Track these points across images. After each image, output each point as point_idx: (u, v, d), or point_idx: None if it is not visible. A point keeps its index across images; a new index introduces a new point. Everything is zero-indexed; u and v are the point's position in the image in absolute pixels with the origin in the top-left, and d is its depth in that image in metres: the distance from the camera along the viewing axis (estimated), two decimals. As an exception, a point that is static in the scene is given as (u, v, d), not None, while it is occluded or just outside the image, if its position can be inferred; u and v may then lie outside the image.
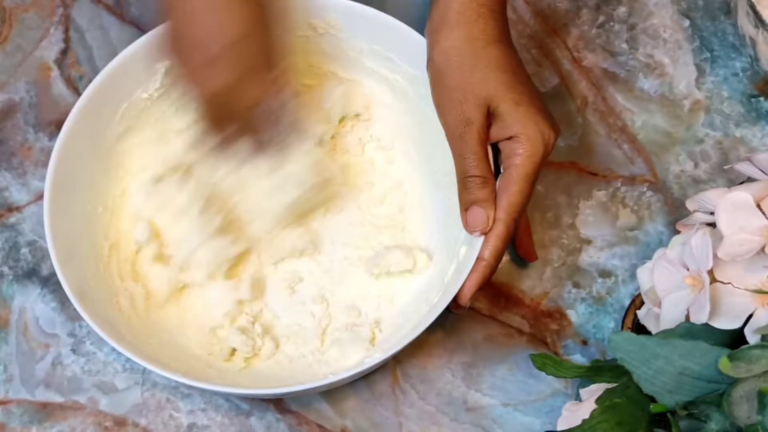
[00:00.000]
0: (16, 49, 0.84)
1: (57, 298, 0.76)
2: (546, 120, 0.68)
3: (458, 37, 0.69)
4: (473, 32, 0.69)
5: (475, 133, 0.68)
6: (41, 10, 0.85)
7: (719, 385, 0.55)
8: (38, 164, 0.80)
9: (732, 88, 0.82)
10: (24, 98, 0.82)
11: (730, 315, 0.56)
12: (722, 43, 0.84)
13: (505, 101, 0.68)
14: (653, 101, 0.82)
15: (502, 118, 0.68)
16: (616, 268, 0.77)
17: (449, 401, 0.73)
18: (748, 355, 0.53)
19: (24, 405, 0.73)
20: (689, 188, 0.79)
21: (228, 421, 0.72)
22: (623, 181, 0.79)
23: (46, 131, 0.81)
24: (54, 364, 0.74)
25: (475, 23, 0.69)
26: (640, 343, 0.56)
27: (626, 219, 0.78)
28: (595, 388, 0.63)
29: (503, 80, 0.68)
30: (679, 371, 0.55)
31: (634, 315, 0.70)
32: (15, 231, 0.78)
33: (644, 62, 0.83)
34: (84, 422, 0.72)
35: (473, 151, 0.68)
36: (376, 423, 0.72)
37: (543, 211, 0.78)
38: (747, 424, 0.54)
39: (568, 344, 0.75)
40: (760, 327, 0.55)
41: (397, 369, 0.74)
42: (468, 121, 0.68)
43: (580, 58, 0.83)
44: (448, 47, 0.70)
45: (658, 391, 0.57)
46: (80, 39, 0.84)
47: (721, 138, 0.81)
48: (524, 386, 0.73)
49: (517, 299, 0.76)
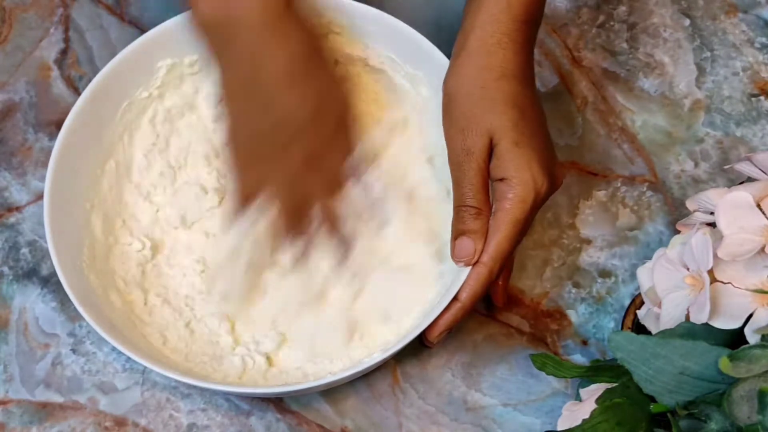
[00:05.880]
0: (16, 49, 0.84)
1: (57, 298, 0.76)
2: (543, 166, 0.66)
3: (474, 66, 0.68)
4: (490, 63, 0.68)
5: (474, 163, 0.67)
6: (41, 10, 0.85)
7: (719, 385, 0.55)
8: (38, 164, 0.80)
9: (732, 88, 0.82)
10: (24, 98, 0.82)
11: (730, 315, 0.56)
12: (722, 42, 0.84)
13: (505, 139, 0.66)
14: (653, 101, 0.82)
15: (498, 156, 0.67)
16: (616, 268, 0.77)
17: (449, 401, 0.73)
18: (748, 355, 0.53)
19: (24, 405, 0.73)
20: (689, 188, 0.79)
21: (228, 421, 0.72)
22: (623, 181, 0.79)
23: (46, 131, 0.81)
24: (54, 364, 0.74)
25: (494, 54, 0.68)
26: (640, 343, 0.56)
27: (626, 219, 0.78)
28: (595, 388, 0.63)
29: (509, 116, 0.67)
30: (679, 371, 0.55)
31: (634, 315, 0.70)
32: (15, 231, 0.78)
33: (644, 62, 0.83)
34: (84, 422, 0.72)
35: (470, 182, 0.67)
36: (376, 423, 0.72)
37: (543, 211, 0.78)
38: (747, 424, 0.54)
39: (568, 344, 0.75)
40: (760, 327, 0.55)
41: (397, 369, 0.74)
42: (468, 151, 0.67)
43: (580, 58, 0.83)
44: (462, 74, 0.69)
45: (658, 391, 0.57)
46: (80, 39, 0.84)
47: (721, 137, 0.81)
48: (524, 386, 0.73)
49: (517, 299, 0.76)
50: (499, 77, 0.68)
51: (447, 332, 0.68)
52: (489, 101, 0.67)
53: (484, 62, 0.68)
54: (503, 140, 0.66)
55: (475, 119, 0.67)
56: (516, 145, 0.66)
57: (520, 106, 0.67)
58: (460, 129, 0.68)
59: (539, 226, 0.78)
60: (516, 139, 0.66)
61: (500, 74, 0.68)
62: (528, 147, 0.66)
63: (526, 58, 0.69)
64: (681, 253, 0.60)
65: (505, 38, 0.68)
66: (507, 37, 0.68)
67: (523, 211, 0.66)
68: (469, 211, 0.67)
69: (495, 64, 0.68)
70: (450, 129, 0.69)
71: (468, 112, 0.68)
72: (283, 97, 0.63)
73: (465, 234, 0.67)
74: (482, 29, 0.68)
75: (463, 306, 0.67)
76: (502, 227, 0.67)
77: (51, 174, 0.70)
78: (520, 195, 0.66)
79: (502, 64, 0.68)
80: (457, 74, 0.69)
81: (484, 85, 0.67)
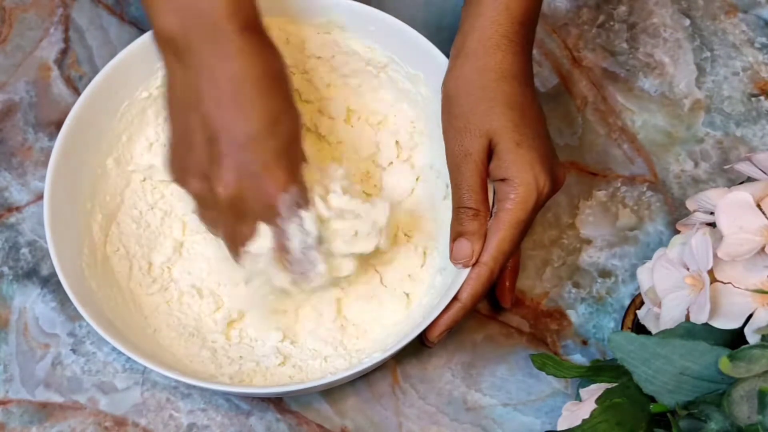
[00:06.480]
0: (16, 49, 0.84)
1: (57, 298, 0.76)
2: (545, 167, 0.66)
3: (473, 67, 0.68)
4: (489, 64, 0.68)
5: (472, 164, 0.67)
6: (41, 10, 0.85)
7: (719, 385, 0.55)
8: (38, 164, 0.80)
9: (732, 88, 0.82)
10: (24, 98, 0.82)
11: (730, 315, 0.56)
12: (722, 42, 0.84)
13: (506, 140, 0.66)
14: (653, 101, 0.82)
15: (499, 157, 0.67)
16: (616, 268, 0.77)
17: (449, 401, 0.73)
18: (748, 355, 0.53)
19: (24, 405, 0.73)
20: (689, 188, 0.79)
21: (228, 421, 0.72)
22: (623, 181, 0.79)
23: (46, 131, 0.81)
24: (54, 364, 0.74)
25: (493, 55, 0.68)
26: (640, 343, 0.56)
27: (626, 219, 0.78)
28: (595, 388, 0.63)
29: (509, 117, 0.67)
30: (679, 371, 0.55)
31: (634, 315, 0.70)
32: (15, 231, 0.78)
33: (644, 62, 0.83)
34: (84, 422, 0.72)
35: (468, 183, 0.67)
36: (376, 423, 0.72)
37: (543, 211, 0.77)
38: (747, 424, 0.54)
39: (568, 344, 0.75)
40: (760, 327, 0.55)
41: (397, 369, 0.74)
42: (467, 152, 0.67)
43: (580, 58, 0.83)
44: (461, 75, 0.68)
45: (658, 391, 0.57)
46: (80, 39, 0.84)
47: (721, 137, 0.81)
48: (524, 386, 0.73)
49: (517, 299, 0.76)
50: (499, 78, 0.67)
51: (447, 332, 0.68)
52: (489, 102, 0.67)
53: (483, 63, 0.68)
54: (504, 141, 0.66)
55: (474, 120, 0.67)
56: (517, 146, 0.66)
57: (520, 107, 0.67)
58: (459, 130, 0.68)
59: (539, 226, 0.78)
60: (517, 140, 0.66)
61: (500, 75, 0.67)
62: (529, 147, 0.66)
63: (525, 58, 0.69)
64: (681, 253, 0.60)
65: (504, 40, 0.68)
66: (506, 38, 0.68)
67: (525, 212, 0.66)
68: (467, 213, 0.67)
69: (494, 65, 0.68)
70: (449, 129, 0.69)
71: (467, 112, 0.67)
72: (224, 114, 0.61)
73: (463, 235, 0.67)
74: (481, 31, 0.68)
75: (464, 306, 0.67)
76: (504, 227, 0.66)
77: (51, 174, 0.70)
78: (522, 195, 0.66)
79: (501, 65, 0.68)
80: (456, 75, 0.69)
81: (483, 86, 0.67)
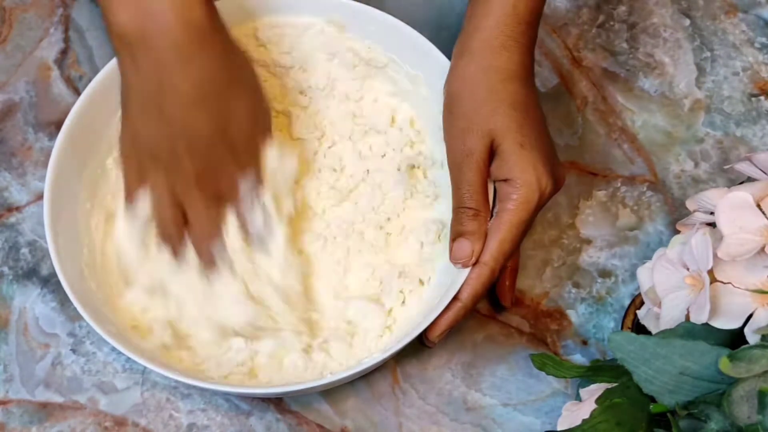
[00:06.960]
0: (16, 49, 0.84)
1: (57, 298, 0.76)
2: (547, 168, 0.67)
3: (477, 67, 0.68)
4: (493, 64, 0.68)
5: (474, 164, 0.67)
6: (41, 10, 0.85)
7: (719, 385, 0.55)
8: (38, 164, 0.80)
9: (732, 88, 0.82)
10: (24, 98, 0.82)
11: (730, 315, 0.56)
12: (722, 42, 0.84)
13: (509, 140, 0.66)
14: (653, 101, 0.82)
15: (502, 157, 0.67)
16: (616, 268, 0.77)
17: (449, 401, 0.73)
18: (748, 355, 0.53)
19: (24, 405, 0.73)
20: (689, 188, 0.79)
21: (228, 421, 0.72)
22: (623, 181, 0.79)
23: (46, 131, 0.81)
24: (54, 364, 0.74)
25: (498, 55, 0.68)
26: (640, 343, 0.56)
27: (626, 219, 0.78)
28: (595, 388, 0.63)
29: (513, 118, 0.67)
30: (679, 371, 0.55)
31: (634, 315, 0.70)
32: (15, 231, 0.78)
33: (644, 62, 0.83)
34: (84, 422, 0.72)
35: (469, 183, 0.67)
36: (376, 423, 0.72)
37: (543, 211, 0.77)
38: (747, 424, 0.54)
39: (568, 344, 0.75)
40: (760, 327, 0.55)
41: (397, 369, 0.74)
42: (468, 152, 0.67)
43: (580, 58, 0.83)
44: (465, 75, 0.68)
45: (658, 391, 0.57)
46: (80, 39, 0.84)
47: (721, 137, 0.81)
48: (524, 386, 0.73)
49: (517, 299, 0.76)
50: (505, 79, 0.67)
51: (447, 332, 0.68)
52: (494, 102, 0.67)
53: (488, 63, 0.68)
54: (507, 141, 0.66)
55: (477, 120, 0.67)
56: (521, 147, 0.66)
57: (524, 108, 0.67)
58: (461, 130, 0.67)
59: (539, 226, 0.78)
60: (521, 141, 0.66)
61: (506, 76, 0.67)
62: (532, 148, 0.66)
63: (529, 59, 0.69)
64: (681, 253, 0.60)
65: (510, 40, 0.68)
66: (512, 39, 0.68)
67: (526, 212, 0.66)
68: (467, 213, 0.67)
69: (500, 65, 0.68)
70: (451, 129, 0.69)
71: (471, 112, 0.67)
72: (185, 114, 0.62)
73: (463, 235, 0.67)
74: (487, 31, 0.68)
75: (464, 305, 0.67)
76: (505, 228, 0.67)
77: (51, 174, 0.70)
78: (524, 196, 0.66)
79: (507, 66, 0.68)
80: (461, 75, 0.69)
81: (489, 86, 0.67)
